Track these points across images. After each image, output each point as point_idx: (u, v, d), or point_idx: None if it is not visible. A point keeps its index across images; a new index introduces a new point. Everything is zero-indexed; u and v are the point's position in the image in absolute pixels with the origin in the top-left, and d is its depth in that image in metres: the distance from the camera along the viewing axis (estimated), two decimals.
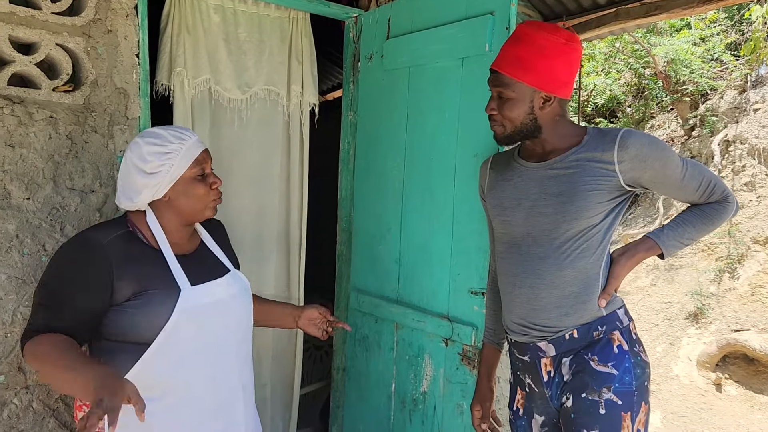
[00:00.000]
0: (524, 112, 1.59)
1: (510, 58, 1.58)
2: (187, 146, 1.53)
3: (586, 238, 1.57)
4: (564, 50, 1.56)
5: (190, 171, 1.54)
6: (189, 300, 1.49)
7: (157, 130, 1.56)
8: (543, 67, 1.55)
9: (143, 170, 1.50)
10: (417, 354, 2.39)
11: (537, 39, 1.55)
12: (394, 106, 2.51)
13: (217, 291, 1.58)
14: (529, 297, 1.63)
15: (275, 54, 2.70)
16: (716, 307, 5.51)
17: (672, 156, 1.56)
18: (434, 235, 2.32)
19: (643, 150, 1.52)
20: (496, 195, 1.75)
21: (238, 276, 1.71)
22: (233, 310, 1.63)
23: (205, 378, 1.55)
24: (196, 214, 1.60)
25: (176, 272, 1.51)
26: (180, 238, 1.62)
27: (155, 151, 1.50)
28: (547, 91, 1.58)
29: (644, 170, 1.53)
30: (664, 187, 1.61)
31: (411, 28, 2.42)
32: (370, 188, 2.67)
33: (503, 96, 1.60)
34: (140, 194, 1.51)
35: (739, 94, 6.61)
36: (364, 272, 2.69)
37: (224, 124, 2.62)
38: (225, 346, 1.60)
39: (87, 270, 1.43)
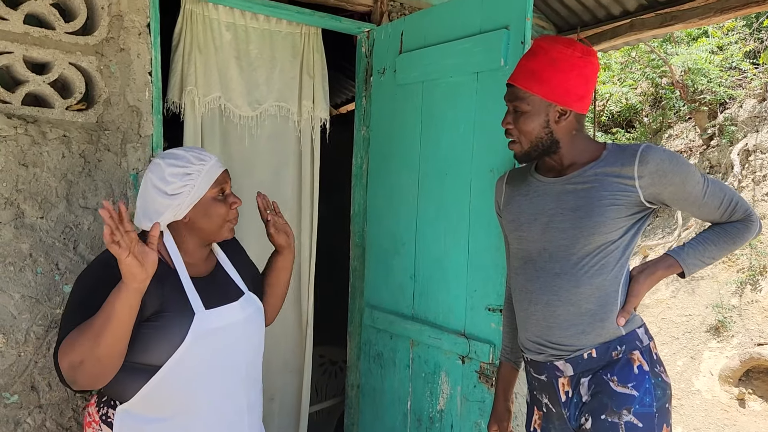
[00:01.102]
0: (539, 126, 1.57)
1: (524, 71, 1.58)
2: (208, 167, 1.53)
3: (604, 255, 1.54)
4: (578, 64, 1.54)
5: (210, 192, 1.54)
6: (202, 324, 1.48)
7: (178, 152, 1.56)
8: (557, 79, 1.54)
9: (165, 191, 1.49)
10: (433, 371, 2.36)
11: (550, 52, 1.55)
12: (408, 120, 2.49)
13: (230, 315, 1.57)
14: (545, 314, 1.60)
15: (286, 70, 2.70)
16: (738, 320, 5.40)
17: (693, 172, 1.53)
18: (450, 250, 2.29)
19: (663, 165, 1.49)
20: (512, 210, 1.72)
21: (252, 299, 1.70)
22: (245, 333, 1.62)
23: (214, 399, 1.53)
24: (215, 234, 1.59)
25: (191, 295, 1.51)
26: (197, 259, 1.61)
27: (177, 172, 1.50)
28: (562, 105, 1.56)
29: (664, 186, 1.51)
30: (685, 204, 1.58)
31: (424, 42, 2.41)
32: (383, 203, 2.65)
33: (518, 109, 1.58)
34: (162, 215, 1.50)
35: (758, 103, 6.51)
36: (378, 288, 2.66)
37: (234, 141, 2.62)
38: (235, 368, 1.58)
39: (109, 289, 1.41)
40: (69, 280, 1.94)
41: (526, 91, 1.56)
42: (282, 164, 2.80)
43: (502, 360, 1.90)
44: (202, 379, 1.50)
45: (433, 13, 2.39)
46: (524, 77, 1.57)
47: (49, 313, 1.92)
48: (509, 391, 1.88)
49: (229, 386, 1.58)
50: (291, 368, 2.95)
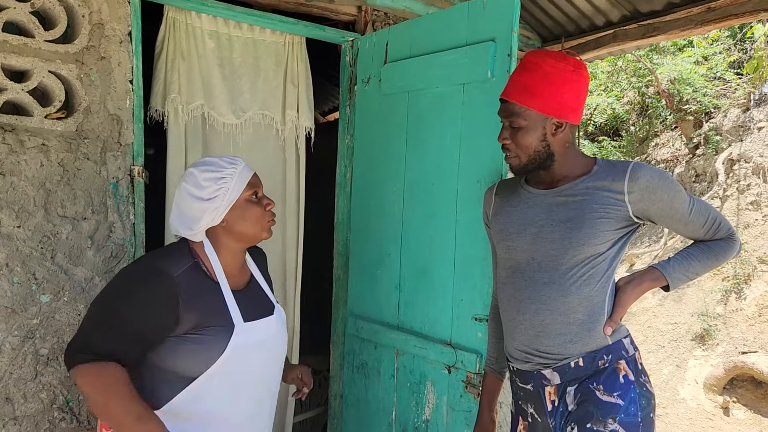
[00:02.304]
0: (537, 140, 1.59)
1: (518, 86, 1.58)
2: (240, 170, 1.56)
3: (592, 266, 1.56)
4: (571, 77, 1.56)
5: (245, 194, 1.56)
6: (241, 337, 1.50)
7: (209, 159, 1.59)
8: (551, 93, 1.55)
9: (201, 197, 1.51)
10: (419, 381, 2.35)
11: (543, 66, 1.56)
12: (393, 130, 2.49)
13: (266, 329, 1.60)
14: (533, 323, 1.61)
15: (270, 78, 2.69)
16: (723, 328, 5.43)
17: (680, 191, 1.57)
18: (436, 260, 2.28)
19: (652, 183, 1.52)
20: (500, 220, 1.73)
21: (281, 312, 1.72)
22: (276, 347, 1.65)
23: (245, 410, 1.56)
24: (255, 236, 1.61)
25: (232, 308, 1.52)
26: (235, 268, 1.62)
27: (211, 177, 1.53)
28: (557, 117, 1.58)
29: (652, 202, 1.54)
30: (671, 222, 1.61)
31: (410, 53, 2.41)
32: (368, 212, 2.64)
33: (515, 125, 1.59)
34: (200, 221, 1.52)
35: (742, 113, 6.58)
36: (363, 297, 2.65)
37: (218, 149, 2.60)
38: (266, 380, 1.62)
39: (156, 302, 1.43)
40: (46, 290, 1.92)
41: (522, 106, 1.57)
42: (266, 173, 2.78)
43: (486, 370, 1.90)
44: (236, 391, 1.52)
45: (420, 24, 2.39)
46: (519, 92, 1.57)
47: (25, 324, 1.89)
48: (494, 401, 1.88)
49: (260, 398, 1.61)
50: None
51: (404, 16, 2.94)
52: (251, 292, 1.66)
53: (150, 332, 1.43)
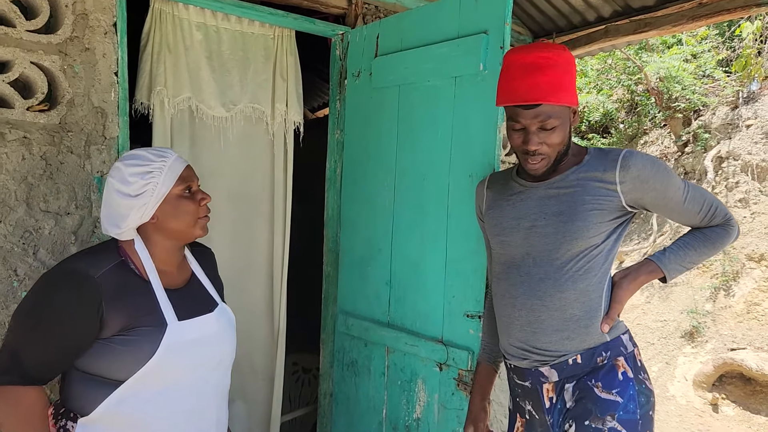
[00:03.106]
0: (566, 133, 1.54)
1: (543, 86, 1.46)
2: (170, 163, 1.48)
3: (588, 259, 1.53)
4: (569, 61, 1.52)
5: (176, 188, 1.48)
6: (174, 336, 1.42)
7: (137, 152, 1.50)
8: (569, 83, 1.51)
9: (127, 193, 1.43)
10: (410, 379, 2.32)
11: (553, 59, 1.47)
12: (384, 124, 2.45)
13: (204, 326, 1.51)
14: (530, 319, 1.58)
15: (260, 72, 2.65)
16: (712, 325, 5.45)
17: (674, 178, 1.54)
18: (427, 256, 2.25)
19: (644, 171, 1.49)
20: (494, 215, 1.70)
21: (226, 310, 1.64)
22: (217, 346, 1.56)
23: (184, 415, 1.47)
24: (187, 233, 1.52)
25: (164, 306, 1.44)
26: (171, 266, 1.55)
27: (137, 171, 1.44)
28: (575, 104, 1.54)
29: (645, 191, 1.51)
30: (665, 210, 1.58)
31: (400, 46, 2.38)
32: (358, 208, 2.61)
33: (547, 127, 1.50)
34: (127, 218, 1.44)
35: (731, 111, 6.60)
36: (353, 294, 2.61)
37: (206, 143, 2.56)
38: (205, 382, 1.52)
39: (75, 307, 1.35)
40: (28, 287, 1.87)
41: (556, 105, 1.48)
42: (255, 168, 2.75)
43: (480, 361, 1.87)
44: (171, 394, 1.44)
45: (410, 17, 2.36)
46: (549, 92, 1.46)
47: (6, 321, 1.84)
48: (486, 392, 1.85)
49: (201, 402, 1.52)
50: (263, 376, 2.89)
51: (395, 10, 2.90)
52: (190, 291, 1.57)
53: (76, 340, 1.35)
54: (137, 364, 1.36)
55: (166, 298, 1.46)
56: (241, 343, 2.72)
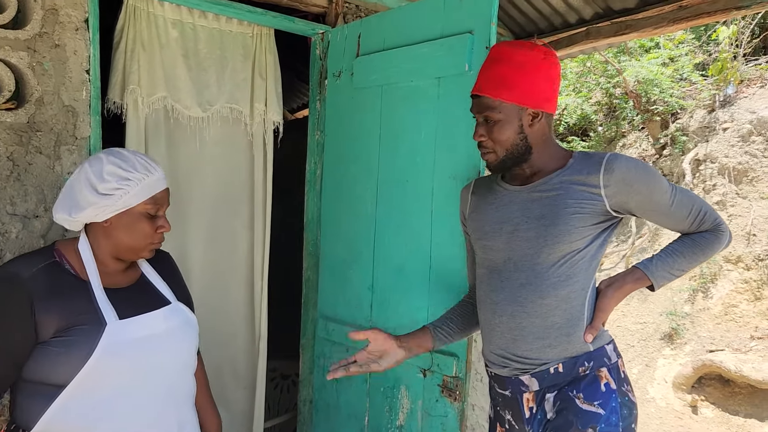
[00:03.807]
0: (514, 133, 1.51)
1: (490, 79, 1.51)
2: (151, 180, 1.42)
3: (570, 265, 1.49)
4: (544, 65, 1.50)
5: (143, 205, 1.42)
6: (115, 335, 1.35)
7: (126, 152, 1.44)
8: (525, 83, 1.49)
9: (96, 188, 1.37)
10: (392, 385, 2.27)
11: (514, 56, 1.50)
12: (365, 125, 2.40)
13: (150, 325, 1.44)
14: (510, 326, 1.54)
15: (238, 71, 2.58)
16: (691, 327, 5.48)
17: (660, 181, 1.50)
18: (410, 259, 2.20)
19: (629, 174, 1.45)
20: (477, 218, 1.67)
21: (180, 309, 1.56)
22: (169, 346, 1.48)
23: (134, 420, 1.39)
24: (131, 251, 1.46)
25: (102, 305, 1.38)
26: (114, 266, 1.48)
27: (116, 172, 1.38)
28: (533, 107, 1.51)
29: (630, 195, 1.47)
30: (652, 214, 1.54)
31: (383, 46, 2.33)
32: (339, 211, 2.55)
33: (490, 119, 1.52)
34: (83, 211, 1.38)
35: (708, 114, 6.67)
36: (334, 299, 2.56)
37: (182, 144, 2.49)
38: (158, 386, 1.45)
39: (11, 312, 1.29)
40: None
41: (496, 100, 1.50)
42: (233, 169, 2.69)
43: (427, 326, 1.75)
44: (119, 398, 1.37)
45: (393, 16, 2.31)
46: (492, 85, 1.50)
47: None
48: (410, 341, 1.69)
49: (156, 408, 1.44)
50: (243, 383, 2.82)
51: (376, 9, 2.86)
52: (137, 290, 1.51)
53: (16, 346, 1.29)
54: (76, 366, 1.30)
55: (106, 297, 1.39)
56: (222, 349, 2.67)
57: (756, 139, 6.09)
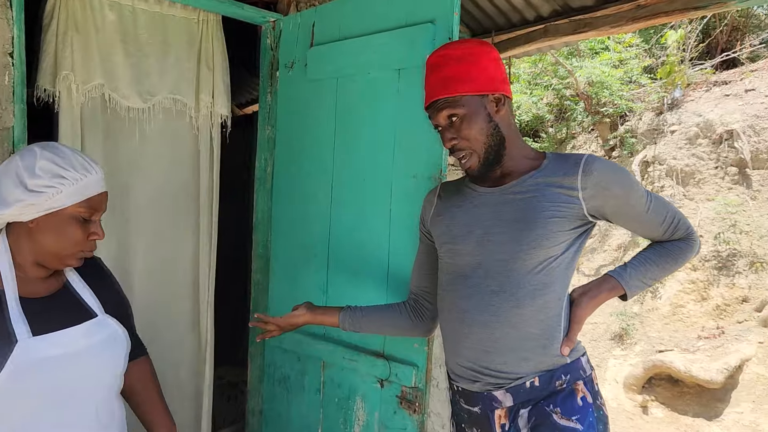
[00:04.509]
0: (485, 122, 1.43)
1: (439, 82, 1.45)
2: (88, 181, 1.28)
3: (546, 272, 1.40)
4: (483, 51, 1.45)
5: (76, 208, 1.27)
6: (27, 353, 1.19)
7: (64, 149, 1.29)
8: (475, 70, 1.43)
9: (25, 183, 1.22)
10: (348, 396, 2.14)
11: (452, 54, 1.45)
12: (320, 119, 2.27)
13: (69, 341, 1.29)
14: (481, 337, 1.43)
15: (182, 59, 2.41)
16: (640, 327, 5.54)
17: (637, 186, 1.44)
18: (367, 262, 2.08)
19: (607, 176, 1.39)
20: (444, 222, 1.56)
21: (106, 323, 1.39)
22: (91, 364, 1.33)
23: None
24: (57, 258, 1.31)
25: (15, 319, 1.21)
26: (35, 272, 1.32)
27: (50, 169, 1.23)
28: (493, 91, 1.44)
29: (607, 198, 1.40)
30: (627, 220, 1.47)
31: (339, 35, 2.20)
32: (291, 210, 2.41)
33: (455, 116, 1.43)
34: (7, 208, 1.21)
35: (656, 116, 6.78)
36: (285, 304, 2.40)
37: (121, 137, 2.31)
38: (80, 407, 1.31)
39: None
40: None
41: (454, 96, 1.42)
42: (177, 165, 2.51)
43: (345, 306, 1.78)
44: (34, 423, 1.21)
45: (350, 3, 2.18)
46: (444, 86, 1.43)
47: None
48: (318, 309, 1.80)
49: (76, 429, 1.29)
50: (188, 394, 2.64)
51: None
52: (58, 301, 1.35)
53: None
54: None
55: (20, 309, 1.24)
56: (166, 359, 2.48)
57: (702, 142, 6.22)
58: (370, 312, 1.76)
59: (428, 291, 1.69)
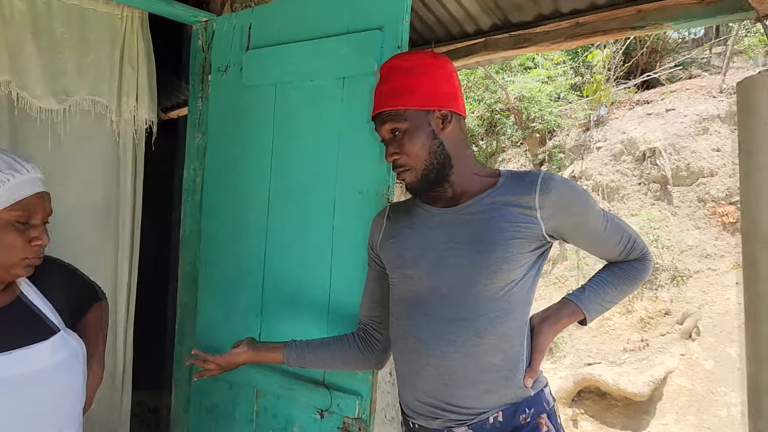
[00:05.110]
0: (428, 139, 1.35)
1: (386, 94, 1.39)
2: (18, 181, 1.22)
3: (507, 298, 1.31)
4: (435, 64, 1.38)
5: (8, 213, 1.21)
6: None
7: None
8: (423, 84, 1.36)
9: None
10: (284, 428, 1.99)
11: (403, 64, 1.39)
12: (256, 128, 2.12)
13: (34, 359, 1.23)
14: (440, 370, 1.32)
15: (103, 57, 2.22)
16: (569, 340, 5.62)
17: (594, 205, 1.39)
18: (308, 283, 1.94)
19: (565, 195, 1.33)
20: (395, 245, 1.45)
21: (67, 339, 1.31)
22: (57, 383, 1.26)
23: None
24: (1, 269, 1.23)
25: None
26: None
27: None
28: (439, 107, 1.36)
29: (566, 217, 1.34)
30: (584, 240, 1.42)
31: (278, 39, 2.07)
32: (223, 224, 2.24)
33: (397, 131, 1.36)
34: None
35: (583, 132, 6.95)
36: (215, 327, 2.23)
37: (32, 141, 2.11)
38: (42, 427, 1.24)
39: None
40: None
41: (397, 109, 1.35)
42: (96, 174, 2.31)
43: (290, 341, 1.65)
44: None
45: (291, 6, 2.06)
46: (388, 99, 1.37)
47: None
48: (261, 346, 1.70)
49: None
50: (103, 422, 2.41)
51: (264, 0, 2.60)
52: (13, 313, 1.28)
53: None
54: None
55: None
56: None
57: (626, 159, 6.41)
58: (316, 346, 1.63)
59: (378, 320, 1.58)
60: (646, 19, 2.83)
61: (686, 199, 6.10)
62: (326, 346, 1.63)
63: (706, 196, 6.05)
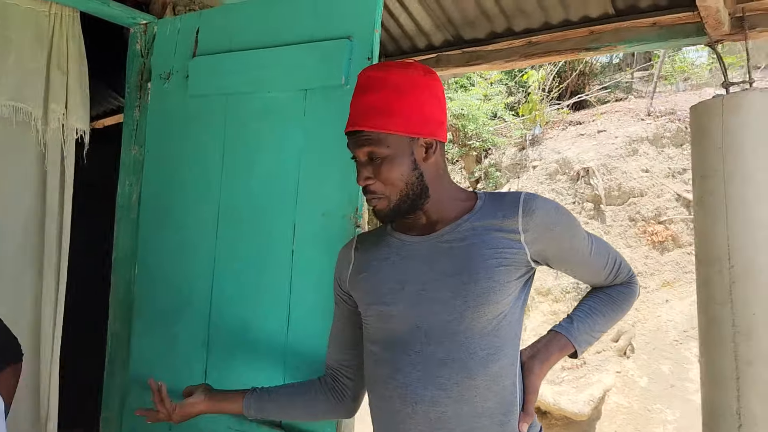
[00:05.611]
0: (408, 169, 1.22)
1: (368, 110, 1.22)
2: None
3: (496, 333, 1.19)
4: (427, 83, 1.24)
5: None
6: None
7: None
8: (411, 107, 1.21)
9: None
10: None
11: (390, 78, 1.22)
12: (204, 142, 1.95)
13: None
14: (429, 417, 1.18)
15: (27, 59, 2.00)
16: None
17: (579, 226, 1.29)
18: (262, 312, 1.78)
19: (549, 217, 1.22)
20: (368, 279, 1.30)
21: None
22: None
23: None
24: None
25: None
26: None
27: None
28: (426, 136, 1.22)
29: (550, 241, 1.23)
30: (569, 263, 1.32)
31: (230, 45, 1.91)
32: (163, 246, 2.04)
33: (376, 156, 1.21)
34: None
35: (519, 151, 7.03)
36: (153, 360, 2.02)
37: None
38: None
39: None
40: None
41: (380, 132, 1.20)
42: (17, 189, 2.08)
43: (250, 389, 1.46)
44: None
45: (246, 9, 1.90)
46: (371, 117, 1.21)
47: None
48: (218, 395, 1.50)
49: None
50: None
51: (211, 4, 2.42)
52: None
53: None
54: None
55: None
56: None
57: (561, 178, 6.51)
58: (279, 394, 1.45)
59: (348, 365, 1.42)
60: (600, 41, 2.84)
61: (618, 218, 6.25)
62: (291, 394, 1.46)
63: (637, 215, 6.21)
